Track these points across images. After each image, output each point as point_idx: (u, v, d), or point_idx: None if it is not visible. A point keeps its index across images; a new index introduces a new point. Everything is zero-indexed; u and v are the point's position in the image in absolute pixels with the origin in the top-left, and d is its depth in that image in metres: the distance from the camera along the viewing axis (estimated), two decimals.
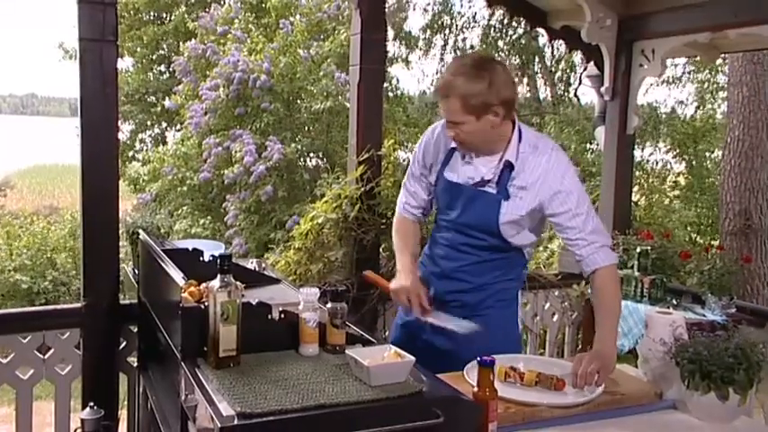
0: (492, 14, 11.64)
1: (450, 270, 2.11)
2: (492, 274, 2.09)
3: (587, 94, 12.36)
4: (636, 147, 5.12)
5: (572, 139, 9.18)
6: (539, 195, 1.98)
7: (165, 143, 12.10)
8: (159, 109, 12.16)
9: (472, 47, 12.43)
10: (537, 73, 13.09)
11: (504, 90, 1.93)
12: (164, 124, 12.71)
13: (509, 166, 1.99)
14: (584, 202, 2.00)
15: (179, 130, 10.36)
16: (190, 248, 2.15)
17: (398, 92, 11.50)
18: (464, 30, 12.44)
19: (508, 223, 2.00)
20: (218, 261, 1.46)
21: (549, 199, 1.97)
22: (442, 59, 12.49)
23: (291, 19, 9.28)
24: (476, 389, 1.52)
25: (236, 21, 9.55)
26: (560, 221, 1.99)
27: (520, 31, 11.86)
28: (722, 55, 5.13)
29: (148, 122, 12.67)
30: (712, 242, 8.35)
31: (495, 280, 2.10)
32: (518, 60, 12.46)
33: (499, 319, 2.11)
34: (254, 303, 1.52)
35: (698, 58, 6.62)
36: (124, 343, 2.65)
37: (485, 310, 2.09)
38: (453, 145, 2.06)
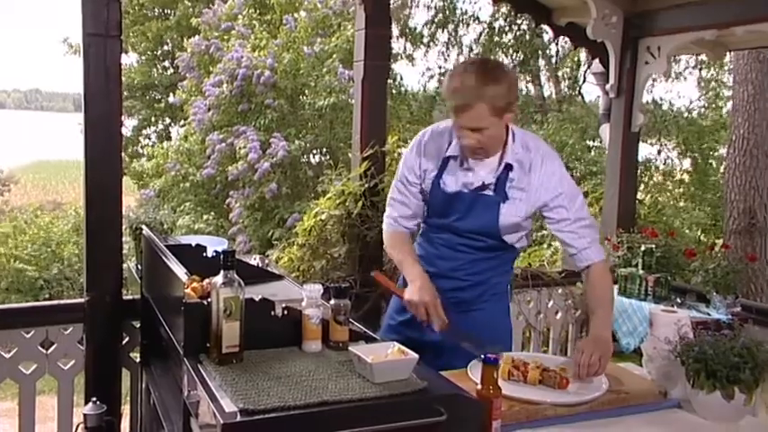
0: (497, 11, 11.61)
1: (447, 269, 2.11)
2: (487, 271, 2.12)
3: (591, 92, 12.34)
4: (640, 143, 5.09)
5: (575, 137, 9.15)
6: (541, 197, 2.00)
7: (168, 139, 12.12)
8: (163, 105, 12.17)
9: (477, 43, 12.41)
10: (541, 70, 13.05)
11: (516, 88, 1.98)
12: (167, 120, 12.72)
13: (508, 168, 2.00)
14: (579, 200, 2.05)
15: (183, 126, 10.37)
16: (193, 244, 2.14)
17: (402, 88, 11.49)
18: (468, 26, 12.42)
19: (507, 225, 2.02)
20: (222, 257, 1.45)
21: (551, 200, 2.01)
22: (446, 57, 12.47)
23: (295, 15, 9.26)
24: (479, 387, 1.51)
25: (240, 17, 9.54)
26: (557, 219, 2.02)
27: (524, 27, 11.83)
28: (728, 52, 5.10)
29: (152, 118, 12.69)
30: (716, 241, 8.33)
31: (490, 275, 2.13)
32: (522, 57, 12.43)
33: (494, 312, 2.15)
34: (257, 300, 1.51)
35: (703, 56, 6.59)
36: (127, 338, 2.65)
37: (480, 305, 2.12)
38: (450, 154, 2.05)
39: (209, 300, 1.45)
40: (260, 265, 2.19)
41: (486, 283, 2.12)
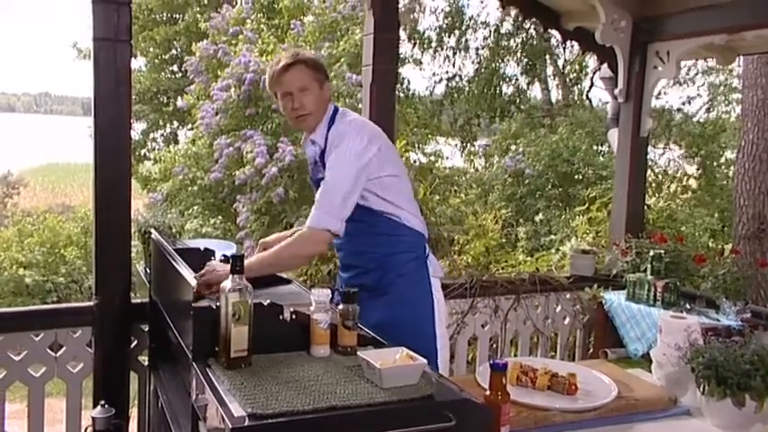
0: (505, 16, 11.61)
1: (342, 260, 2.31)
2: (379, 250, 2.18)
3: (599, 96, 12.30)
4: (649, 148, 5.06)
5: (583, 141, 9.12)
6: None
7: (176, 142, 12.16)
8: (171, 108, 12.22)
9: (484, 47, 12.41)
10: (549, 75, 13.03)
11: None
12: (175, 124, 12.78)
13: (324, 144, 2.17)
14: (341, 170, 2.07)
15: (191, 130, 10.40)
16: (201, 248, 2.15)
17: (410, 92, 11.48)
18: (475, 30, 12.42)
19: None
20: (231, 261, 1.46)
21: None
22: (453, 62, 12.47)
23: (303, 20, 9.28)
24: (488, 392, 1.51)
25: (248, 21, 9.57)
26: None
27: (532, 32, 11.81)
28: (738, 57, 5.08)
29: (160, 122, 12.75)
30: (725, 246, 8.28)
31: (385, 253, 2.18)
32: (529, 61, 12.41)
33: (407, 294, 2.19)
34: (265, 304, 1.51)
35: (713, 61, 6.56)
36: (135, 342, 2.66)
37: (388, 287, 2.17)
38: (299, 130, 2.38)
39: (218, 304, 1.45)
40: None
41: (383, 266, 2.17)
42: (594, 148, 9.40)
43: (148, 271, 2.44)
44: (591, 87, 12.29)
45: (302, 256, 2.19)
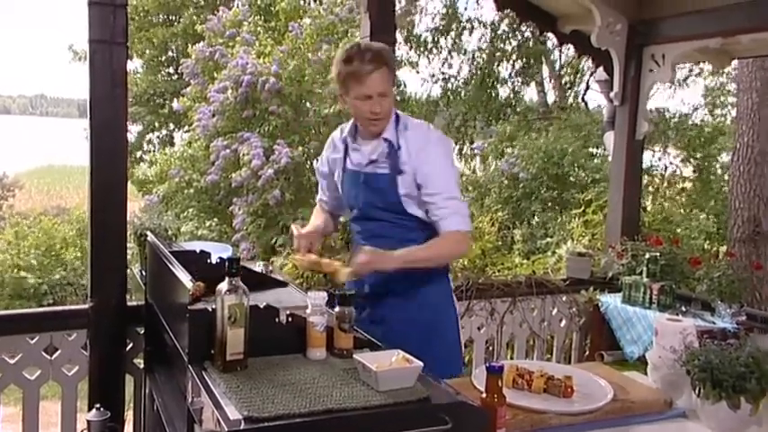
0: (502, 19, 11.63)
1: None
2: None
3: (595, 99, 12.33)
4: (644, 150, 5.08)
5: (576, 144, 9.15)
6: (413, 168, 2.13)
7: (172, 145, 12.14)
8: (167, 111, 12.20)
9: (479, 50, 12.43)
10: (544, 78, 13.06)
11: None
12: (171, 126, 12.75)
13: (392, 145, 2.16)
14: (450, 176, 2.17)
15: (187, 132, 10.39)
16: (197, 250, 2.14)
17: (405, 95, 11.49)
18: (471, 32, 12.43)
19: (406, 197, 2.15)
20: (227, 264, 1.45)
21: (420, 174, 2.13)
22: (449, 63, 12.48)
23: (300, 22, 9.28)
24: (484, 395, 1.51)
25: (245, 24, 9.56)
26: (426, 192, 2.13)
27: (528, 34, 11.84)
28: (732, 60, 5.10)
29: (156, 124, 12.72)
30: (721, 248, 8.30)
31: None
32: (525, 64, 12.44)
33: (433, 300, 2.22)
34: (261, 307, 1.51)
35: (707, 64, 6.59)
36: (131, 344, 2.65)
37: (415, 293, 2.19)
38: (345, 134, 2.28)
39: (213, 306, 1.45)
40: (264, 271, 2.19)
41: (412, 273, 2.15)
42: (589, 150, 9.42)
43: (144, 273, 2.43)
44: (587, 90, 12.33)
45: (458, 256, 2.38)
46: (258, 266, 2.27)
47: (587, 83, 12.11)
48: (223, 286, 1.43)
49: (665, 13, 3.55)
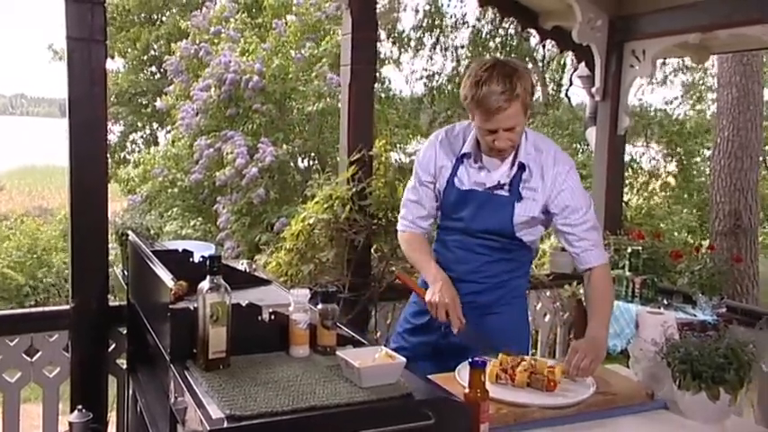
0: (483, 15, 11.66)
1: (463, 273, 2.12)
2: (504, 273, 2.12)
3: (578, 95, 12.42)
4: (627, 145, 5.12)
5: (563, 140, 9.21)
6: (551, 197, 2.03)
7: (156, 144, 12.04)
8: (150, 110, 12.09)
9: (462, 47, 12.46)
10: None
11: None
12: (154, 125, 12.65)
13: (522, 168, 2.03)
14: (586, 202, 2.07)
15: (170, 132, 10.30)
16: (180, 250, 2.13)
17: (390, 92, 11.48)
18: (454, 30, 12.47)
19: (521, 224, 2.05)
20: (208, 262, 1.44)
21: (560, 200, 2.03)
22: (431, 59, 12.51)
23: (285, 19, 9.23)
24: (467, 390, 1.51)
25: (232, 20, 9.48)
26: (564, 220, 2.05)
27: (511, 31, 11.89)
28: (711, 56, 5.16)
29: (139, 123, 12.61)
30: (702, 242, 8.40)
31: (508, 278, 2.13)
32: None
33: (513, 316, 2.16)
34: (243, 305, 1.50)
35: (688, 60, 6.65)
36: (113, 345, 2.63)
37: (499, 308, 2.13)
38: (465, 151, 2.08)
39: (195, 305, 1.44)
40: (247, 269, 2.18)
41: (504, 287, 2.13)
42: (574, 146, 9.48)
43: (126, 273, 2.41)
44: (570, 86, 12.41)
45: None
46: (241, 265, 2.26)
47: (570, 79, 12.19)
48: (205, 285, 1.42)
49: (644, 9, 3.58)
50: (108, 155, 3.13)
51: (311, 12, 8.99)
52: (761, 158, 8.27)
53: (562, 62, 12.26)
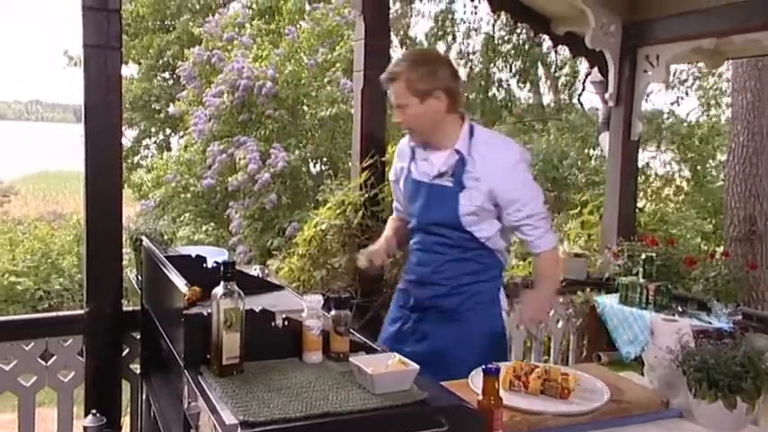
0: (496, 20, 11.65)
1: (424, 275, 2.20)
2: (465, 276, 2.16)
3: (591, 100, 12.36)
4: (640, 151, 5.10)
5: (575, 145, 9.18)
6: (494, 187, 2.08)
7: (168, 149, 12.12)
8: (163, 116, 12.19)
9: (474, 53, 12.45)
10: (540, 79, 13.09)
11: (448, 80, 2.10)
12: (167, 131, 12.74)
13: (462, 159, 2.10)
14: (532, 193, 2.14)
15: (182, 137, 10.37)
16: (193, 255, 2.14)
17: None
18: (467, 35, 12.46)
19: (469, 215, 2.10)
20: (222, 268, 1.45)
21: (504, 191, 2.09)
22: None
23: (299, 25, 9.26)
24: (480, 397, 1.51)
25: (247, 26, 9.54)
26: (511, 211, 2.12)
27: (523, 37, 11.87)
28: (726, 61, 5.13)
29: (152, 129, 12.71)
30: (717, 248, 8.33)
31: (470, 281, 2.16)
32: (521, 66, 12.46)
33: (480, 321, 2.17)
34: (257, 311, 1.51)
35: (701, 65, 6.61)
36: (127, 350, 2.64)
37: (464, 313, 2.15)
38: (412, 144, 2.22)
39: (209, 311, 1.44)
40: (260, 275, 2.19)
41: (465, 291, 2.15)
42: (587, 152, 9.45)
43: (140, 278, 2.43)
44: (582, 91, 12.37)
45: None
46: (255, 270, 2.26)
47: (583, 84, 12.15)
48: (218, 290, 1.43)
49: (658, 14, 3.56)
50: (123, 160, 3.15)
51: (329, 17, 9.01)
52: None
53: (575, 67, 12.22)
